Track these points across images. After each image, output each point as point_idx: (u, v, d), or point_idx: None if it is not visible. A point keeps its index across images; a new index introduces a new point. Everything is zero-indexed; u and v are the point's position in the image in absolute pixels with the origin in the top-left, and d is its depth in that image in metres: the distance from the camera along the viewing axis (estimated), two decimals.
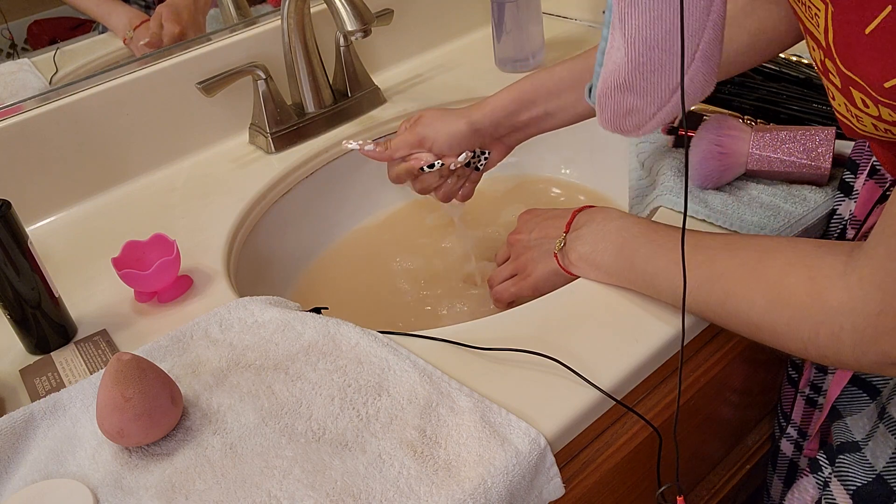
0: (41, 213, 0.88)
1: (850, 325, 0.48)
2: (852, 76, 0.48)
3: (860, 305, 0.47)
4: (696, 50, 0.50)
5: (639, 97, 0.52)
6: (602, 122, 0.55)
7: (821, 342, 0.50)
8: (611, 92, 0.53)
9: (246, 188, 0.89)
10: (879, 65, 0.45)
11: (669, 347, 0.62)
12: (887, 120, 0.47)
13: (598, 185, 1.02)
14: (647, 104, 0.52)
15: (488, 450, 0.52)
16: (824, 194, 0.74)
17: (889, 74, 0.45)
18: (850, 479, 0.60)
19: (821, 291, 0.50)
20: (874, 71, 0.46)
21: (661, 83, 0.51)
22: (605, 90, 0.53)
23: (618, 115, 0.54)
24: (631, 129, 0.55)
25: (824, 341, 0.50)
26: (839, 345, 0.49)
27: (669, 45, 0.49)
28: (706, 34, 0.49)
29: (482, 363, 0.60)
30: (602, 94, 0.53)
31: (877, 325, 0.47)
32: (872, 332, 0.47)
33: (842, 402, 0.66)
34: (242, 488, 0.52)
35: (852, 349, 0.48)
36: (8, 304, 0.67)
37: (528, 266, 0.76)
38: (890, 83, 0.45)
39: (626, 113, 0.54)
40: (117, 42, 0.95)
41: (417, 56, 1.14)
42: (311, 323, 0.65)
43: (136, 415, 0.54)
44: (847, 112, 0.51)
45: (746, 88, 0.86)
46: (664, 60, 0.50)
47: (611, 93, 0.53)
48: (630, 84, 0.51)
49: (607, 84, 0.53)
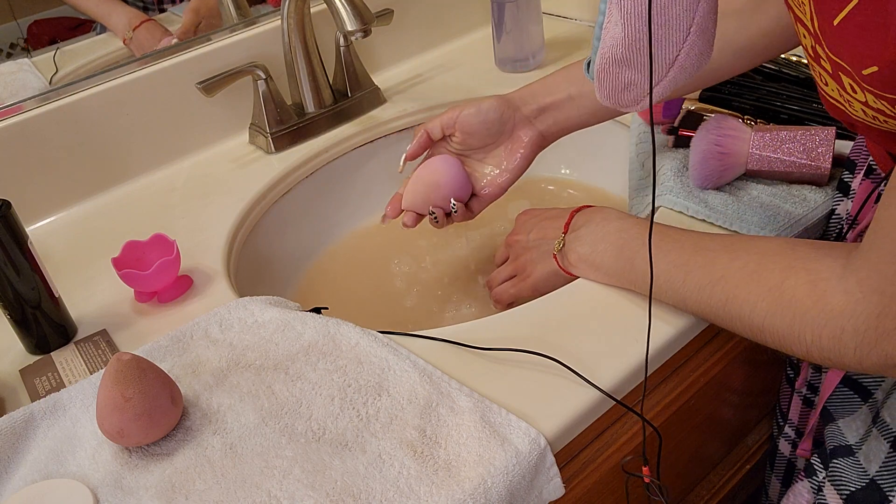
0: (41, 213, 0.88)
1: (852, 327, 0.48)
2: (839, 61, 0.48)
3: (860, 308, 0.48)
4: (692, 24, 0.50)
5: (636, 71, 0.52)
6: (600, 96, 0.56)
7: (823, 345, 0.50)
8: (609, 66, 0.53)
9: (246, 188, 0.89)
10: (853, 53, 0.46)
11: (669, 347, 0.62)
12: (873, 106, 0.48)
13: (597, 186, 1.02)
14: (645, 78, 0.52)
15: (488, 450, 0.52)
16: (824, 194, 0.74)
17: (863, 63, 0.45)
18: (844, 484, 0.60)
19: (821, 295, 0.50)
20: (851, 59, 0.46)
21: (658, 57, 0.51)
22: (604, 65, 0.53)
23: (616, 90, 0.54)
24: (629, 104, 0.55)
25: (827, 344, 0.50)
26: (842, 347, 0.49)
27: (664, 19, 0.49)
28: (700, 7, 0.50)
29: (482, 363, 0.60)
30: (600, 68, 0.54)
31: (877, 328, 0.47)
32: (874, 334, 0.47)
33: (833, 403, 0.66)
34: (242, 488, 0.52)
35: (854, 351, 0.49)
36: (8, 304, 0.67)
37: (527, 267, 0.76)
38: (868, 71, 0.45)
39: (623, 87, 0.54)
40: (117, 42, 0.95)
41: (417, 56, 1.14)
42: (311, 323, 0.65)
43: (136, 415, 0.54)
44: (840, 97, 0.51)
45: (746, 88, 0.86)
46: (660, 34, 0.50)
47: (609, 67, 0.53)
48: (627, 58, 0.52)
49: (605, 58, 0.53)
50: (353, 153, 0.99)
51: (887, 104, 0.46)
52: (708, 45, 0.52)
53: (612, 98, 0.55)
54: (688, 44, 0.51)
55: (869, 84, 0.46)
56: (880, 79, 0.45)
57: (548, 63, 1.08)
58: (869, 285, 0.47)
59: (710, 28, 0.51)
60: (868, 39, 0.44)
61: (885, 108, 0.47)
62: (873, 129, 0.51)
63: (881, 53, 0.43)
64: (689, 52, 0.51)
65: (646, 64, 0.51)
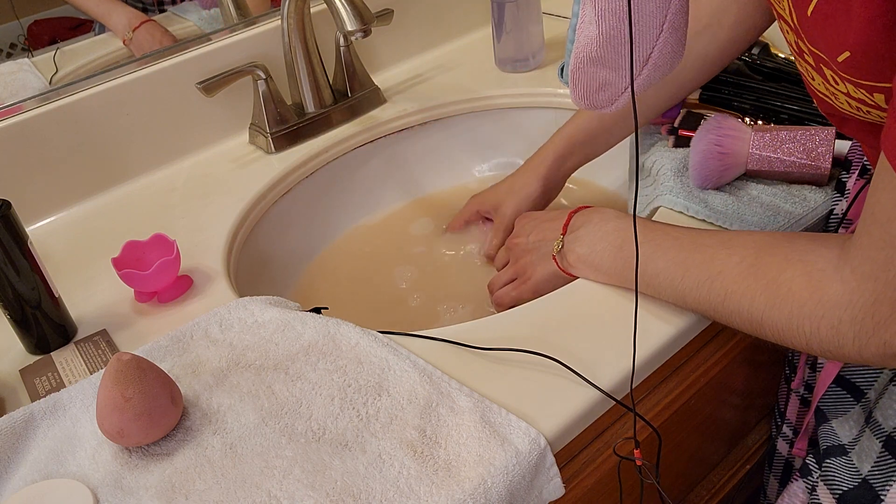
0: (41, 213, 0.88)
1: (849, 317, 0.48)
2: (818, 52, 0.48)
3: (856, 297, 0.48)
4: (664, 21, 0.50)
5: (611, 70, 0.52)
6: (575, 98, 0.55)
7: (822, 336, 0.50)
8: (584, 67, 0.53)
9: (246, 188, 0.89)
10: (827, 41, 0.46)
11: (670, 347, 0.62)
12: (854, 96, 0.48)
13: (597, 186, 1.02)
14: (620, 77, 0.52)
15: (488, 450, 0.52)
16: (824, 194, 0.74)
17: (837, 50, 0.45)
18: (837, 484, 0.60)
19: (818, 286, 0.50)
20: (826, 48, 0.47)
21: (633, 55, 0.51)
22: (578, 65, 0.53)
23: (591, 90, 0.54)
24: (604, 104, 0.55)
25: (826, 335, 0.50)
26: (840, 338, 0.49)
27: (638, 17, 0.49)
28: (672, 5, 0.50)
29: (482, 363, 0.60)
30: (575, 69, 0.53)
31: (874, 315, 0.47)
32: (871, 322, 0.47)
33: (826, 402, 0.66)
34: (242, 488, 0.52)
35: (853, 341, 0.49)
36: (8, 304, 0.67)
37: (527, 269, 0.76)
38: (842, 57, 0.45)
39: (598, 87, 0.54)
40: (117, 42, 0.95)
41: (417, 56, 1.14)
42: (311, 323, 0.65)
43: (136, 415, 0.54)
44: (826, 90, 0.51)
45: (746, 88, 0.86)
46: (633, 32, 0.50)
47: (584, 67, 0.53)
48: (602, 57, 0.52)
49: (580, 59, 0.53)
50: (353, 153, 0.99)
51: (865, 92, 0.46)
52: (680, 44, 0.52)
53: (587, 99, 0.55)
54: (661, 41, 0.51)
55: (845, 72, 0.46)
56: (854, 64, 0.45)
57: (548, 63, 1.08)
58: (862, 273, 0.47)
59: (681, 26, 0.51)
60: (836, 25, 0.44)
61: (865, 96, 0.47)
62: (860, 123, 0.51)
63: (848, 37, 0.44)
64: (661, 49, 0.51)
65: (620, 63, 0.51)
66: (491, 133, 1.06)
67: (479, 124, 1.06)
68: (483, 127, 1.06)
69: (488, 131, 1.06)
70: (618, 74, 0.52)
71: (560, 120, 1.02)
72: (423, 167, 1.05)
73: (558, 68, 0.57)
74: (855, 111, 0.50)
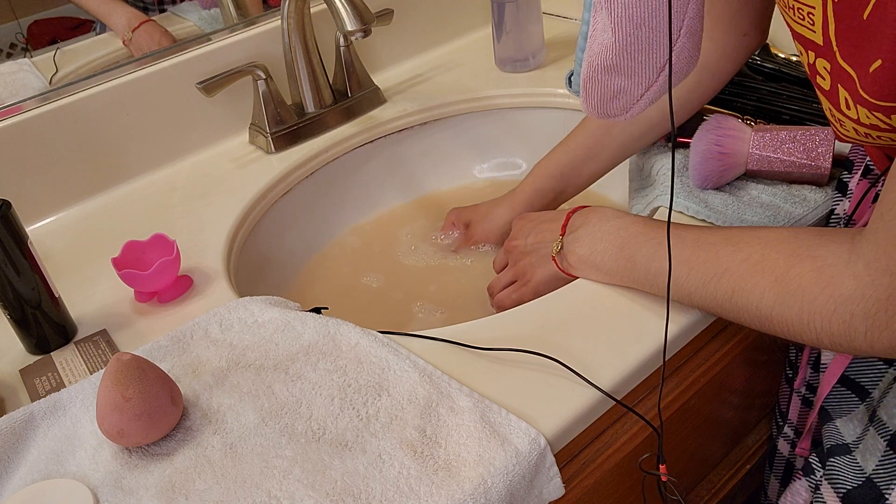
0: (41, 213, 0.88)
1: (862, 311, 0.48)
2: (846, 67, 0.48)
3: (869, 291, 0.48)
4: (682, 26, 0.50)
5: (627, 78, 0.52)
6: (587, 107, 0.55)
7: (833, 331, 0.50)
8: (598, 75, 0.52)
9: (246, 188, 0.89)
10: (870, 48, 0.46)
11: (670, 347, 0.62)
12: (865, 122, 0.48)
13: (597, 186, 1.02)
14: (636, 84, 0.52)
15: (488, 450, 0.52)
16: (824, 194, 0.74)
17: (874, 56, 0.45)
18: (841, 483, 0.60)
19: (829, 281, 0.50)
20: (867, 56, 0.46)
21: (649, 62, 0.51)
22: (591, 73, 0.52)
23: (604, 99, 0.54)
24: (618, 113, 0.54)
25: (837, 330, 0.50)
26: (852, 332, 0.49)
27: (656, 22, 0.49)
28: (690, 9, 0.49)
29: (482, 363, 0.60)
30: (587, 78, 0.53)
31: (888, 309, 0.47)
32: (884, 316, 0.47)
33: (830, 402, 0.66)
34: (242, 488, 0.52)
35: (865, 335, 0.49)
36: (8, 304, 0.67)
37: (527, 271, 0.76)
38: (874, 66, 0.45)
39: (613, 96, 0.53)
40: (117, 42, 0.95)
41: (417, 56, 1.14)
42: (311, 323, 0.65)
43: (136, 415, 0.54)
44: (831, 117, 0.51)
45: (746, 88, 0.86)
46: (651, 38, 0.50)
47: (598, 76, 0.52)
48: (618, 65, 0.51)
49: (593, 67, 0.52)
50: (353, 153, 0.99)
51: (881, 115, 0.46)
52: (696, 49, 0.52)
53: (600, 108, 0.55)
54: (678, 46, 0.50)
55: (867, 90, 0.46)
56: (881, 76, 0.45)
57: (548, 63, 1.08)
58: (877, 268, 0.47)
59: (698, 30, 0.51)
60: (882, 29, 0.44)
61: (880, 120, 0.47)
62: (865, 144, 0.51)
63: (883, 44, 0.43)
64: (679, 54, 0.51)
65: (636, 69, 0.51)
66: (491, 133, 1.07)
67: (479, 124, 1.06)
68: (483, 127, 1.06)
69: (488, 131, 1.06)
70: (633, 82, 0.52)
71: (560, 120, 1.02)
72: (422, 167, 1.05)
73: (566, 77, 0.56)
74: (863, 137, 0.50)
